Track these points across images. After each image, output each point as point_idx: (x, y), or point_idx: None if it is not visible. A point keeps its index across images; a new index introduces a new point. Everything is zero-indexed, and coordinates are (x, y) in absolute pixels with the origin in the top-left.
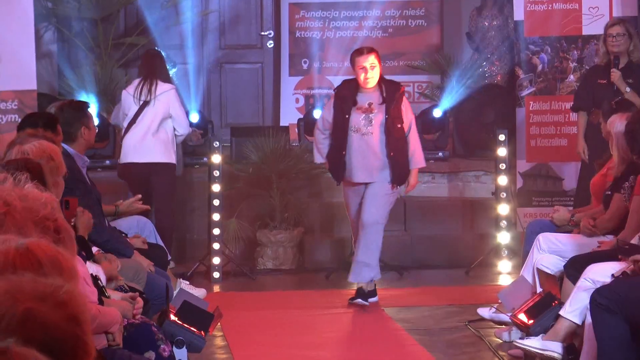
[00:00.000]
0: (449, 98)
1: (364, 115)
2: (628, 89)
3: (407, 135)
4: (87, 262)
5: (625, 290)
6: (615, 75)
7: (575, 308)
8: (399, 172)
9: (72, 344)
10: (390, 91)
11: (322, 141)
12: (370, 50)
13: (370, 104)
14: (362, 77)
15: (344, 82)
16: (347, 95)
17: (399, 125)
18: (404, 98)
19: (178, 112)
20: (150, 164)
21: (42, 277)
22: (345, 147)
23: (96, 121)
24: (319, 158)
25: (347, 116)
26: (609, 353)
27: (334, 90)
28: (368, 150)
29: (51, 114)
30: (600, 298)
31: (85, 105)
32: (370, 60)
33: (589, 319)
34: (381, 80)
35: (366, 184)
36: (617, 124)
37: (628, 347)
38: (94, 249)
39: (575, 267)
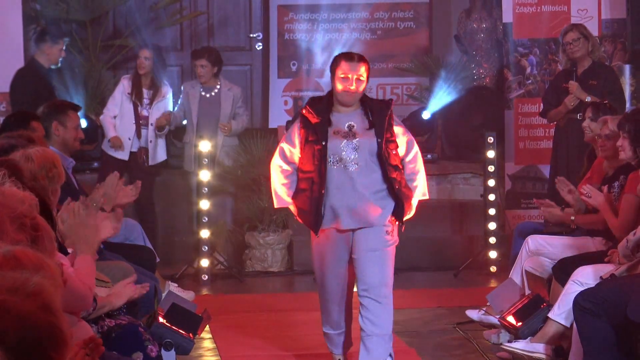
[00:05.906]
0: (437, 100)
1: (345, 141)
2: (588, 98)
3: (406, 160)
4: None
5: (608, 293)
6: (573, 86)
7: (563, 310)
8: (403, 207)
9: (48, 332)
10: (378, 110)
11: (286, 178)
12: (362, 58)
13: (351, 127)
14: (340, 87)
15: (312, 99)
16: (318, 116)
17: (395, 151)
18: (393, 115)
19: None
20: None
21: (10, 272)
22: (324, 185)
23: (83, 123)
24: (282, 201)
25: (323, 143)
26: (594, 356)
27: (300, 112)
28: (354, 188)
29: (24, 111)
30: (583, 302)
31: (64, 104)
32: (360, 71)
33: None
34: (365, 98)
35: (353, 231)
36: (611, 124)
37: (613, 349)
38: None
39: (563, 270)
